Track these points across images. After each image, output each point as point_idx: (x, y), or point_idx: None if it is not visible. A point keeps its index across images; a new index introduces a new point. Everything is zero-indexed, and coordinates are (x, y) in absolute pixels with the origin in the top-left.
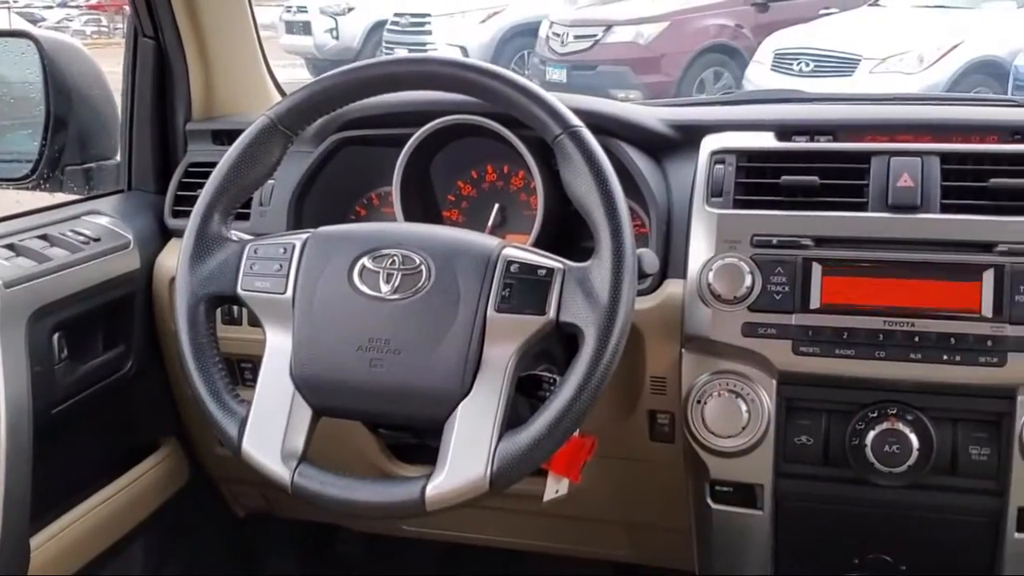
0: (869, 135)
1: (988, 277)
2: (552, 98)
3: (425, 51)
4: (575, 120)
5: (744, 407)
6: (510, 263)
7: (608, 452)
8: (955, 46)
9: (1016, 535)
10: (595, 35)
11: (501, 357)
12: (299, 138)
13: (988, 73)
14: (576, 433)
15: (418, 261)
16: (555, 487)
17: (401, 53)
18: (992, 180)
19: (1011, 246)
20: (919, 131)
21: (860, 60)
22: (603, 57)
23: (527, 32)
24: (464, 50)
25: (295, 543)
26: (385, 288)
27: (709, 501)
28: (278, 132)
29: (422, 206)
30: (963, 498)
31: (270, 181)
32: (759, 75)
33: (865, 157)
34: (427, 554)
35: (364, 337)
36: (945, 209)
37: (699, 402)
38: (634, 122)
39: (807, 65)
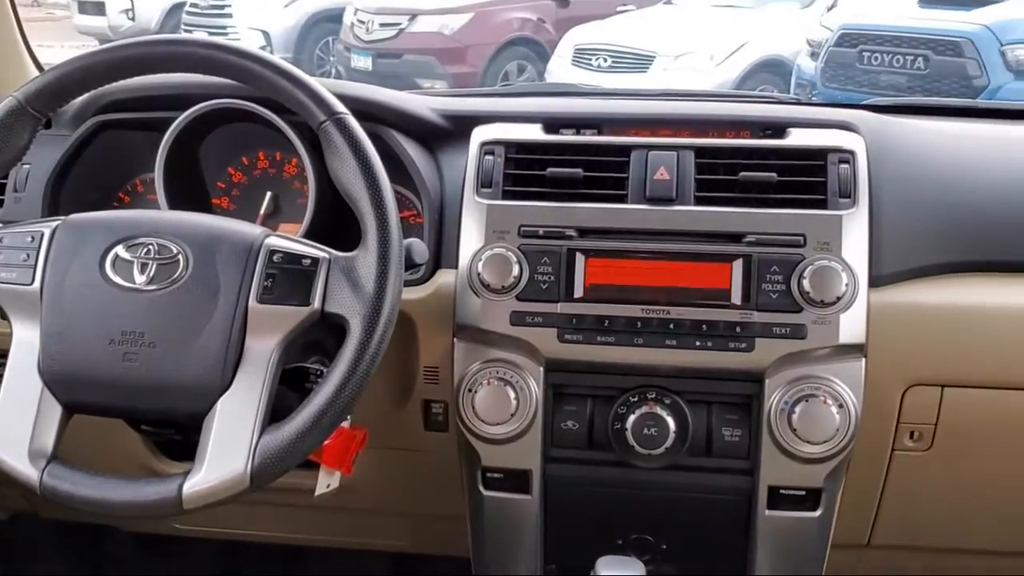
0: (632, 129)
1: (737, 267)
2: (316, 84)
3: (226, 34)
4: (340, 107)
5: (513, 394)
6: (273, 252)
7: (383, 443)
8: (742, 45)
9: (767, 512)
10: (400, 24)
11: (263, 349)
12: (58, 121)
13: (774, 72)
14: (347, 425)
15: (175, 250)
16: (327, 481)
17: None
18: (741, 174)
19: (758, 237)
20: (679, 126)
21: (655, 57)
22: (408, 46)
23: (332, 18)
24: (266, 35)
25: (63, 545)
26: (140, 279)
27: (481, 488)
28: (27, 114)
29: (189, 193)
30: (718, 478)
31: (25, 165)
32: (560, 69)
33: (625, 150)
34: (204, 553)
35: (117, 330)
36: (699, 201)
37: (470, 391)
38: (405, 110)
39: (605, 61)
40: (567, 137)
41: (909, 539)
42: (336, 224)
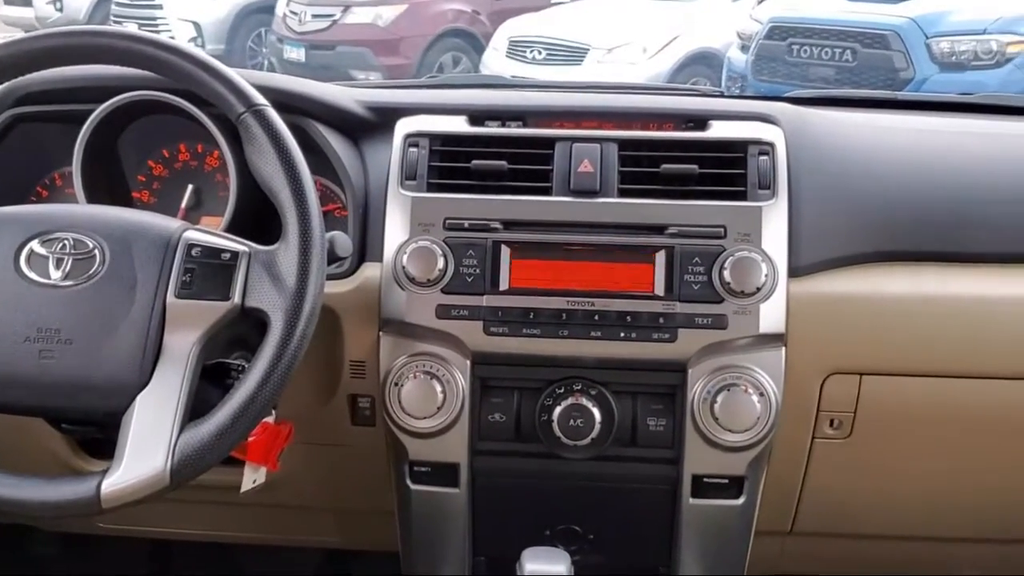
0: (557, 122)
1: (660, 258)
2: (234, 75)
3: (156, 26)
4: (259, 98)
5: (439, 388)
6: (191, 247)
7: (310, 438)
8: (674, 38)
9: (691, 500)
10: (333, 15)
11: (183, 345)
12: None
13: (706, 64)
14: (272, 420)
15: (91, 245)
16: (252, 477)
17: (130, 28)
18: (663, 166)
19: (680, 228)
20: (603, 118)
21: (589, 49)
22: (342, 37)
23: (264, 9)
24: (197, 26)
25: None
26: (55, 274)
27: (408, 482)
28: None
29: (108, 187)
30: (643, 467)
31: None
32: (495, 61)
33: (549, 143)
34: (131, 552)
35: (32, 327)
36: (622, 193)
37: (396, 384)
38: (327, 102)
39: (540, 53)
40: (491, 129)
41: (831, 526)
42: (261, 217)
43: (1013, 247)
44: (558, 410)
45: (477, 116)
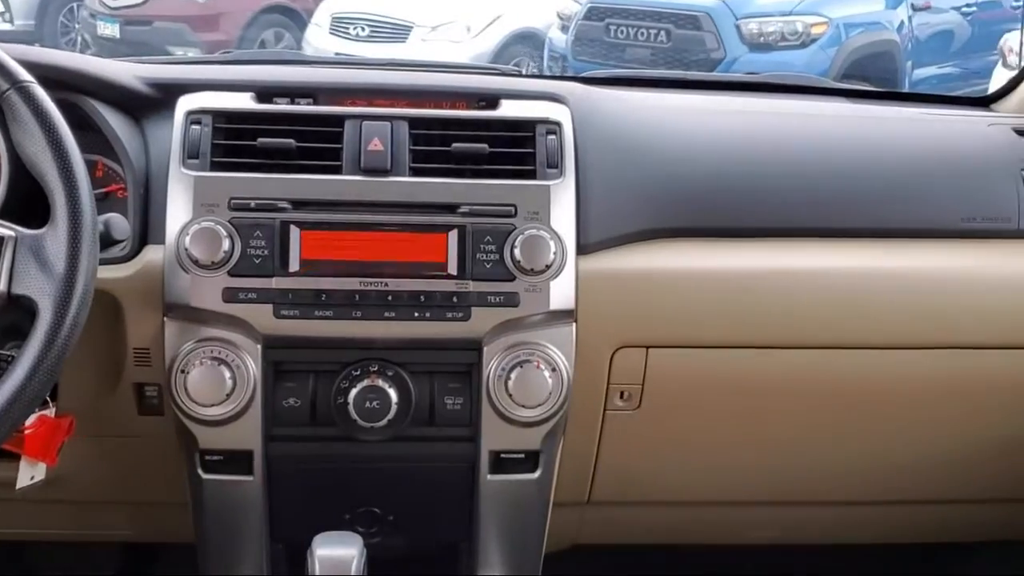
0: (349, 99)
1: (453, 237)
2: None
3: None
4: (24, 75)
5: (228, 374)
6: None
7: (94, 430)
8: (498, 17)
9: (489, 477)
10: None
11: None
12: None
13: (529, 44)
14: (51, 413)
15: None
16: (30, 472)
17: None
18: (454, 145)
19: (472, 207)
20: (395, 96)
21: (413, 27)
22: (158, 12)
23: None
24: (5, 1)
25: None
26: None
27: (200, 471)
28: None
29: None
30: (441, 446)
31: None
32: (318, 38)
33: (339, 121)
34: None
35: None
36: (414, 172)
37: (183, 371)
38: (103, 78)
39: (363, 30)
40: (278, 106)
41: (627, 494)
42: (37, 201)
43: (790, 222)
44: (354, 392)
45: (265, 93)
